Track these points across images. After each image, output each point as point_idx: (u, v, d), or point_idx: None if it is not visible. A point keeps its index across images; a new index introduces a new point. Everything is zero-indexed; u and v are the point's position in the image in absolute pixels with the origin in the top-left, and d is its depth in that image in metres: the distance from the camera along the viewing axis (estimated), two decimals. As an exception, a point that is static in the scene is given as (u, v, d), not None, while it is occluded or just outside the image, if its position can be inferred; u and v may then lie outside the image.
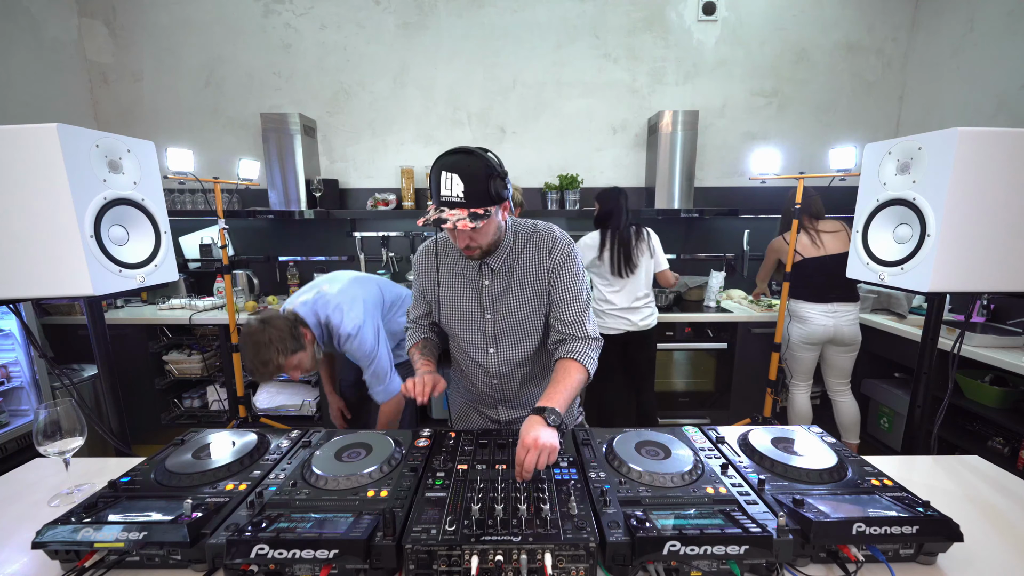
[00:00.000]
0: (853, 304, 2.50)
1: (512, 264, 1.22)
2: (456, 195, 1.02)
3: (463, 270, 1.25)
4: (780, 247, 2.68)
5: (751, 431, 1.12)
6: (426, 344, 1.36)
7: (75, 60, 3.19)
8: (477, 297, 1.24)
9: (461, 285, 1.26)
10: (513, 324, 1.24)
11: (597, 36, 3.26)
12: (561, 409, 1.01)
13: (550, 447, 0.92)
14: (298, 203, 3.16)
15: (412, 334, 1.40)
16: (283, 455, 1.07)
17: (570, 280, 1.21)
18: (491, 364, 1.29)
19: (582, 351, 1.16)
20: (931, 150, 1.12)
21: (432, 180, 1.07)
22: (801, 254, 2.54)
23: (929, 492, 0.97)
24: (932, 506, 0.82)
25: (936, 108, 3.09)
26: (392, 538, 0.75)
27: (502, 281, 1.22)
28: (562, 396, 1.04)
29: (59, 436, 1.00)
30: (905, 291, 2.14)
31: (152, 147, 1.28)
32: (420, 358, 1.29)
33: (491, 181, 1.04)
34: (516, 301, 1.23)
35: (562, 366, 1.14)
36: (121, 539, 0.76)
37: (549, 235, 1.23)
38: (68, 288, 1.09)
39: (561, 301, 1.20)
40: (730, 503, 0.86)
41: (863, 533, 0.76)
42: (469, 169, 1.02)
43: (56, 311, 2.87)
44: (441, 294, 1.27)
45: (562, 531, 0.77)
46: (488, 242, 1.15)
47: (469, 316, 1.26)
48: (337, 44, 3.26)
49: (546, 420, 0.97)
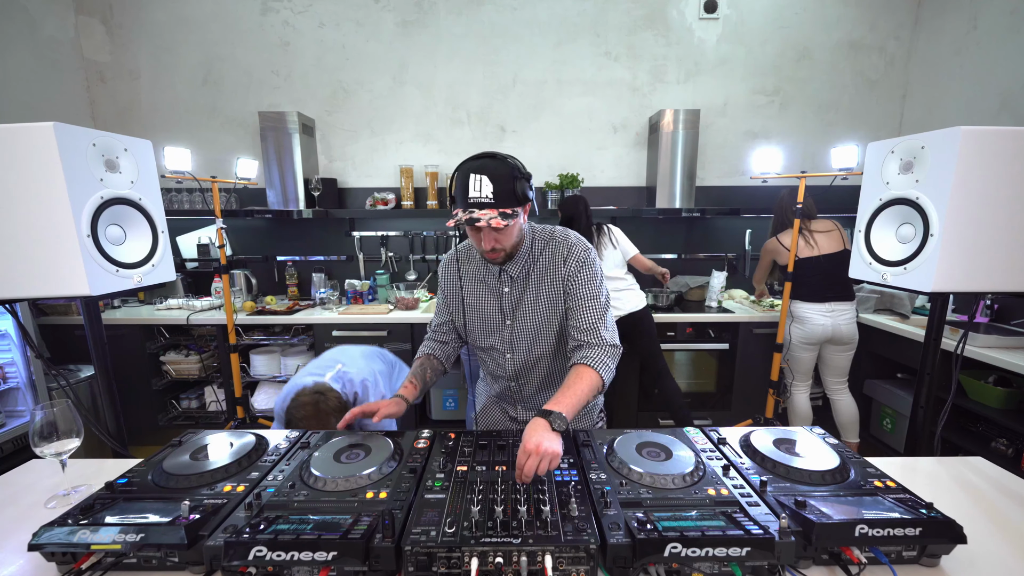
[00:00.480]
0: (850, 303, 2.52)
1: (530, 270, 1.26)
2: (485, 196, 1.06)
3: (484, 277, 1.30)
4: (774, 248, 2.70)
5: (753, 432, 1.12)
6: (426, 362, 1.37)
7: (72, 58, 3.19)
8: (498, 303, 1.29)
9: (482, 292, 1.31)
10: (529, 330, 1.28)
11: (598, 34, 3.26)
12: (568, 414, 1.00)
13: (552, 453, 0.90)
14: (296, 202, 3.16)
15: (424, 345, 1.43)
16: (281, 456, 1.06)
17: (585, 286, 1.23)
18: (509, 367, 1.33)
19: (597, 357, 1.15)
20: (934, 149, 1.12)
21: (458, 184, 1.11)
22: (797, 255, 2.55)
23: (932, 494, 0.97)
24: (935, 508, 0.82)
25: (939, 107, 3.09)
26: (391, 540, 0.75)
27: (520, 287, 1.27)
28: (570, 401, 1.03)
29: (56, 437, 1.00)
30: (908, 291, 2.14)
31: (149, 146, 1.28)
32: (409, 377, 1.32)
33: (516, 183, 1.09)
34: (533, 307, 1.27)
35: (575, 371, 1.12)
36: (118, 541, 0.76)
37: (565, 242, 1.26)
38: (65, 288, 1.09)
39: (577, 308, 1.22)
40: (732, 505, 0.86)
41: (866, 535, 0.76)
42: (496, 171, 1.07)
43: (53, 311, 2.87)
44: (464, 301, 1.32)
45: (562, 533, 0.77)
46: (511, 244, 1.18)
47: (491, 322, 1.31)
48: (336, 42, 3.26)
49: (551, 425, 0.96)
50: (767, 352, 2.80)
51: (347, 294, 3.21)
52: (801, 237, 2.55)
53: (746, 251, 3.37)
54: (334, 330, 2.88)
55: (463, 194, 1.09)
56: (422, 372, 1.35)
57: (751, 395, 2.97)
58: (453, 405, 3.11)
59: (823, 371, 2.69)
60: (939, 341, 1.31)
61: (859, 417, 2.69)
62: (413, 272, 3.45)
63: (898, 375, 2.88)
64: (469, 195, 1.07)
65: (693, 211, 3.11)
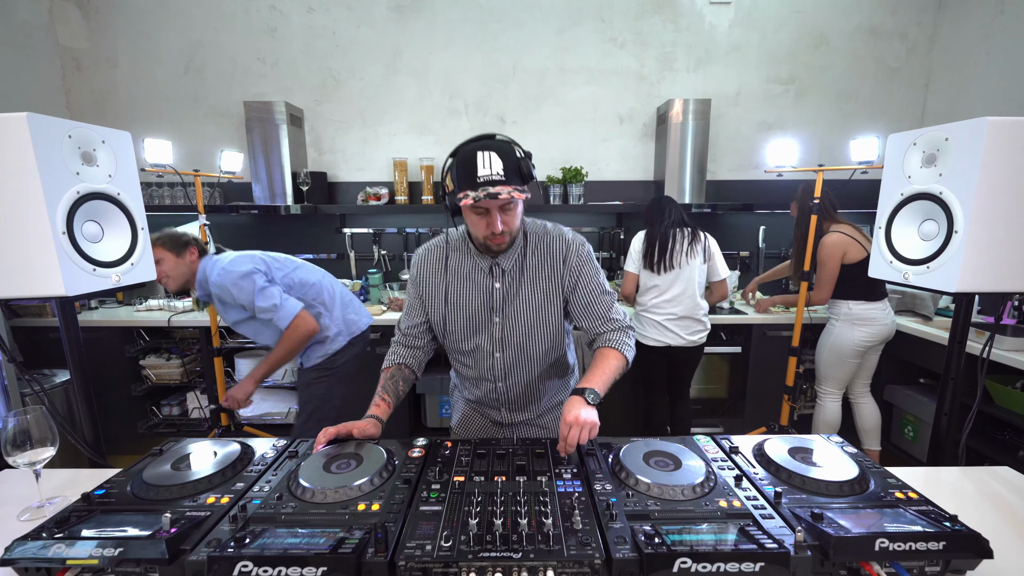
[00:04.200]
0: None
1: (523, 265, 1.27)
2: (496, 173, 1.08)
3: (470, 272, 1.28)
4: (843, 242, 2.46)
5: (767, 440, 1.12)
6: (397, 373, 1.32)
7: (46, 45, 3.19)
8: (487, 300, 1.28)
9: (468, 287, 1.29)
10: (522, 327, 1.29)
11: (603, 19, 3.26)
12: (600, 390, 1.13)
13: (591, 423, 1.03)
14: (284, 197, 3.16)
15: (392, 352, 1.37)
16: (268, 466, 1.06)
17: (591, 279, 1.29)
18: (497, 368, 1.33)
19: (618, 340, 1.26)
20: (959, 141, 1.12)
21: (462, 165, 1.11)
22: (856, 254, 2.48)
23: (956, 506, 0.97)
24: (960, 520, 0.82)
25: (964, 96, 3.09)
26: (384, 555, 0.75)
27: (513, 283, 1.27)
28: (600, 379, 1.16)
29: (29, 446, 1.00)
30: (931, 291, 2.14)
31: (128, 138, 1.28)
32: (379, 392, 1.26)
33: (522, 161, 1.13)
34: (527, 304, 1.28)
35: (600, 354, 1.24)
36: (95, 555, 0.76)
37: (561, 239, 1.28)
38: (39, 288, 1.09)
39: (588, 303, 1.28)
40: (744, 517, 0.86)
41: (886, 549, 0.76)
42: (502, 149, 1.11)
43: (26, 313, 2.87)
44: (448, 297, 1.29)
45: (565, 547, 0.77)
46: (517, 227, 1.21)
47: (476, 320, 1.29)
48: (325, 28, 3.26)
49: (586, 399, 1.08)
50: (782, 356, 2.80)
51: (337, 294, 3.20)
52: (856, 231, 2.50)
53: (760, 249, 3.37)
54: (324, 332, 2.87)
55: (470, 174, 1.08)
56: (394, 387, 1.29)
57: (765, 401, 2.97)
58: (448, 413, 3.11)
59: (855, 374, 2.68)
60: (964, 344, 1.30)
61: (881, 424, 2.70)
62: (407, 271, 3.46)
63: (920, 380, 2.88)
64: (479, 174, 1.07)
65: (704, 207, 3.11)
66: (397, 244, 3.47)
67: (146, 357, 3.04)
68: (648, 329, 2.55)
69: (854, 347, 2.54)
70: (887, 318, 2.52)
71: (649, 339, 2.55)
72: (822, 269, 2.54)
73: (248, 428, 2.96)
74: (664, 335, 2.52)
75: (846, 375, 2.64)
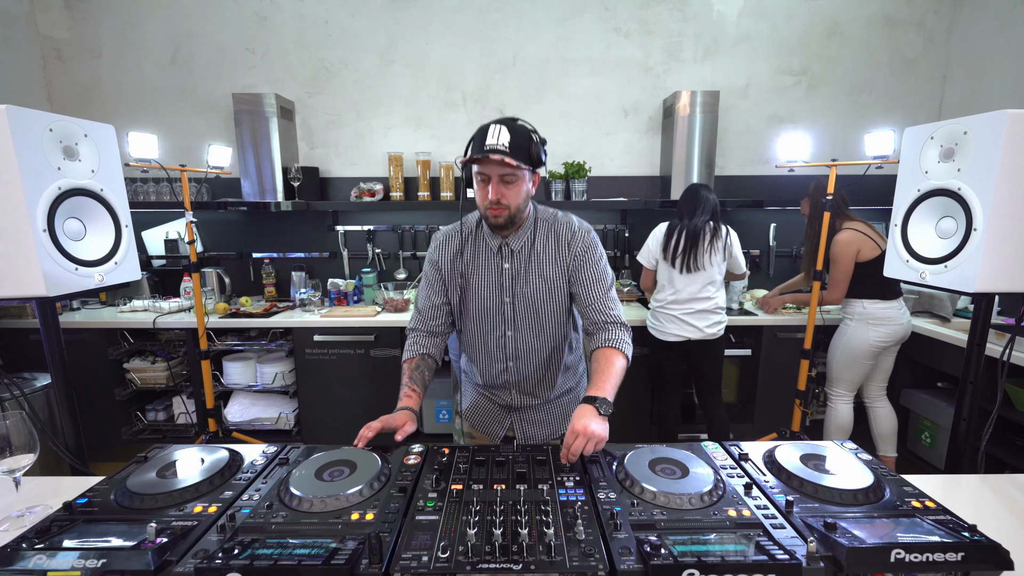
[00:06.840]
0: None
1: (531, 248, 1.38)
2: (501, 144, 1.19)
3: (483, 251, 1.40)
4: (856, 239, 2.48)
5: (778, 447, 1.12)
6: (422, 363, 1.40)
7: (26, 35, 3.19)
8: (497, 279, 1.39)
9: (480, 267, 1.40)
10: (531, 308, 1.39)
11: (606, 8, 3.26)
12: (610, 397, 1.16)
13: (599, 437, 1.05)
14: (274, 193, 3.16)
15: (412, 342, 1.44)
16: (258, 474, 1.06)
17: (592, 268, 1.36)
18: (508, 347, 1.43)
19: (617, 338, 1.31)
20: (978, 135, 1.12)
21: (476, 137, 1.24)
22: (870, 251, 2.50)
23: (975, 515, 0.97)
24: (979, 531, 0.82)
25: (983, 88, 3.09)
26: (379, 566, 0.75)
27: (521, 264, 1.38)
28: (609, 384, 1.19)
29: (8, 453, 1.00)
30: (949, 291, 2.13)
31: (112, 131, 1.28)
32: (407, 383, 1.34)
33: (533, 144, 1.23)
34: (534, 286, 1.38)
35: (602, 355, 1.28)
36: (77, 567, 0.76)
37: (568, 226, 1.39)
38: (18, 288, 1.09)
39: (586, 293, 1.36)
40: (755, 527, 0.86)
41: (902, 560, 0.76)
42: (515, 127, 1.22)
43: (5, 314, 2.87)
44: (464, 275, 1.40)
45: (568, 558, 0.77)
46: (516, 205, 1.28)
47: (490, 299, 1.40)
48: (317, 17, 3.26)
49: (598, 410, 1.11)
50: (793, 359, 2.80)
51: (330, 295, 3.21)
52: (869, 228, 2.52)
53: (770, 247, 3.37)
54: (316, 334, 2.88)
55: (479, 143, 1.21)
56: (421, 376, 1.37)
57: (775, 406, 2.97)
58: (447, 417, 3.11)
59: (871, 377, 2.69)
60: (983, 347, 1.31)
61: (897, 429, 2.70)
62: (403, 270, 3.46)
63: (938, 384, 2.88)
64: (486, 142, 1.20)
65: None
66: (392, 242, 3.47)
67: (130, 360, 3.04)
68: (666, 324, 2.57)
69: (868, 347, 2.55)
70: (903, 317, 2.52)
71: (669, 335, 2.57)
72: (835, 267, 2.55)
73: (237, 435, 2.96)
74: (683, 329, 2.54)
75: (859, 377, 2.64)
